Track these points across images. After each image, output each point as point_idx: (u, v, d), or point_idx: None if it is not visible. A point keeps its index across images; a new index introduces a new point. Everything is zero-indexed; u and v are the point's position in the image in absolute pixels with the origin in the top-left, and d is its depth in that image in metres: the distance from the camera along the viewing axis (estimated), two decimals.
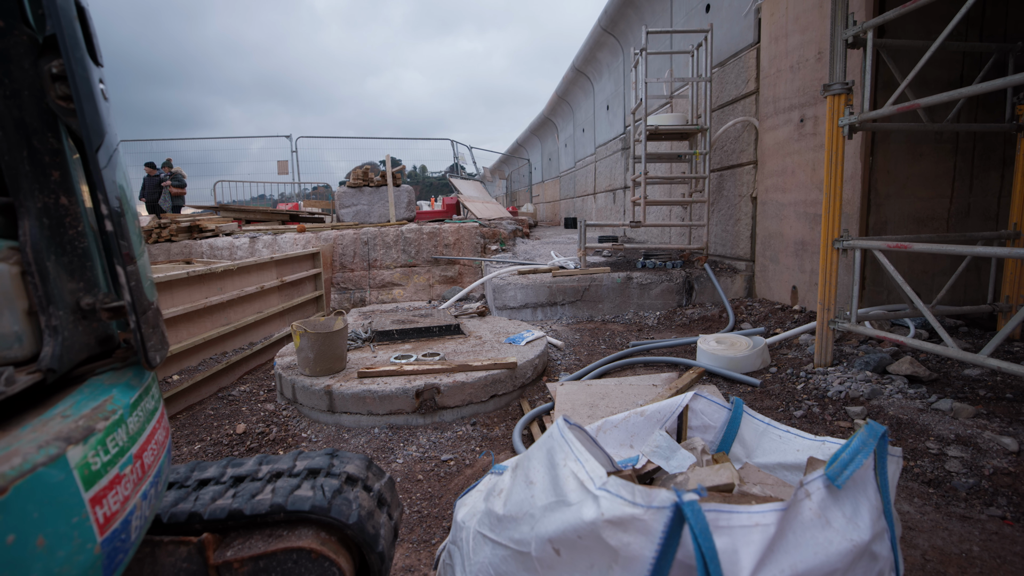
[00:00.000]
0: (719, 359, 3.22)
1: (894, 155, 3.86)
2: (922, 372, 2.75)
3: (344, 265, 7.11)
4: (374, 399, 2.62)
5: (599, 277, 4.97)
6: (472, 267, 7.27)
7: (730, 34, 5.57)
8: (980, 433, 2.18)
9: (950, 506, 1.88)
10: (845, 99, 3.05)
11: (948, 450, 2.13)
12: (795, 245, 4.45)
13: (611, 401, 2.64)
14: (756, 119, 5.09)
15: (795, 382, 2.96)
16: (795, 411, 2.63)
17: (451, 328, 3.72)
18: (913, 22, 3.65)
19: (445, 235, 7.28)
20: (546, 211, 18.42)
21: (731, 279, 5.10)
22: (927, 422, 2.34)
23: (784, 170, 4.62)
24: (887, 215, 3.90)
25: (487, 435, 2.63)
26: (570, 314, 4.96)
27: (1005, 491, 1.89)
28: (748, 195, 5.19)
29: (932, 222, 3.99)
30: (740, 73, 5.40)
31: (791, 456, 1.59)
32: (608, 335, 4.35)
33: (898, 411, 2.46)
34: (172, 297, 3.62)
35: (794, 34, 4.50)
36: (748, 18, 5.24)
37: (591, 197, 12.27)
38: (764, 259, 4.91)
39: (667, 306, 4.97)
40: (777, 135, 4.74)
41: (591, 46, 10.95)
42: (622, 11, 9.11)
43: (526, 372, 3.08)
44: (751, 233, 5.13)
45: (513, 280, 5.06)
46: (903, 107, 2.74)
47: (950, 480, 1.99)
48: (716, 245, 5.85)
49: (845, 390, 2.72)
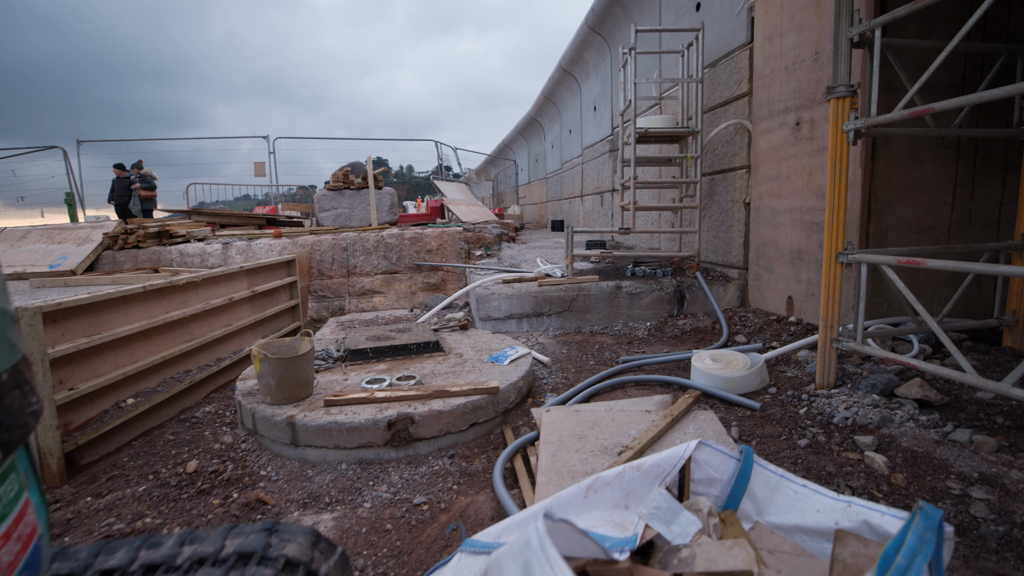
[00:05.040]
0: (715, 379, 3.02)
1: (895, 161, 3.70)
2: (933, 396, 2.57)
3: (322, 272, 6.81)
4: (341, 431, 2.36)
5: (587, 286, 4.76)
6: (456, 273, 7.02)
7: (721, 33, 5.39)
8: (1007, 472, 1.99)
9: (980, 559, 1.68)
10: (850, 102, 2.86)
11: (972, 491, 1.94)
12: (791, 254, 4.27)
13: (601, 431, 2.42)
14: (749, 122, 4.91)
15: (797, 405, 2.77)
16: (799, 440, 2.43)
17: (429, 345, 3.47)
18: (915, 21, 3.49)
19: (428, 240, 7.02)
20: (533, 213, 18.21)
21: (723, 288, 4.91)
22: (945, 456, 2.15)
23: (779, 175, 4.45)
24: (888, 223, 3.73)
25: (466, 469, 2.40)
26: (557, 325, 4.74)
27: None
28: (741, 200, 5.01)
29: (933, 230, 3.83)
30: (732, 74, 5.22)
31: (810, 518, 1.37)
32: (597, 348, 4.13)
33: (912, 442, 2.27)
34: (127, 313, 3.32)
35: (789, 33, 4.33)
36: (740, 17, 5.06)
37: (578, 199, 12.07)
38: (758, 268, 4.73)
39: (658, 316, 4.77)
40: (771, 139, 4.56)
41: (578, 45, 10.75)
42: (609, 9, 8.92)
43: (509, 396, 2.84)
44: (744, 240, 4.95)
45: (497, 290, 4.83)
46: (914, 112, 2.55)
47: (977, 527, 1.79)
48: (708, 252, 5.67)
49: (852, 416, 2.52)
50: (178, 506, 2.03)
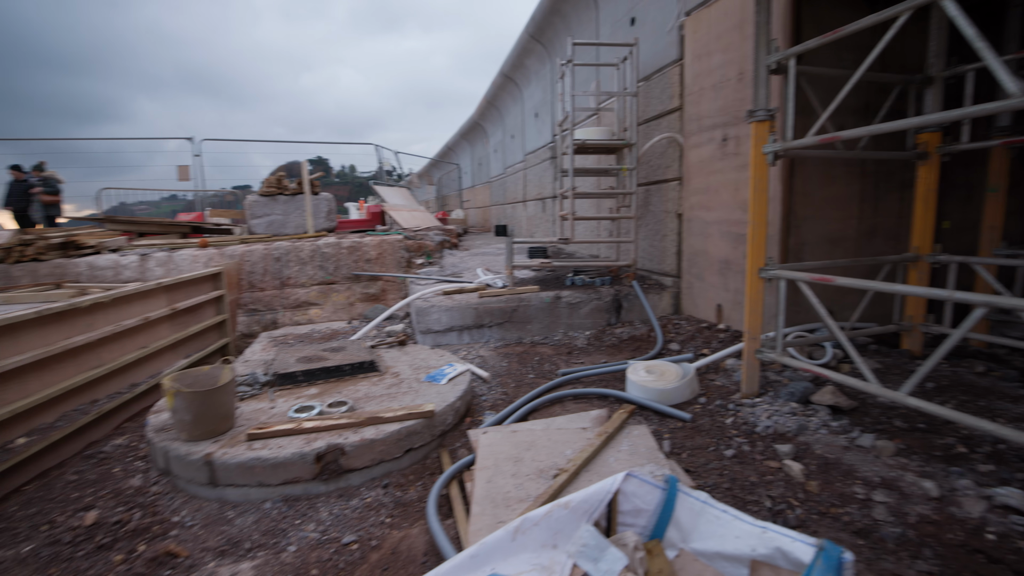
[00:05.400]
0: (649, 391, 3.10)
1: (810, 178, 3.95)
2: (843, 402, 2.76)
3: (253, 284, 6.46)
4: (265, 468, 2.23)
5: (527, 297, 4.78)
6: (397, 282, 6.86)
7: (655, 49, 5.57)
8: (902, 475, 2.16)
9: (881, 560, 1.81)
10: (769, 126, 3.02)
11: (874, 495, 2.09)
12: (719, 263, 4.47)
13: (538, 452, 2.42)
14: (681, 136, 5.10)
15: (724, 415, 2.89)
16: (726, 450, 2.54)
17: (364, 366, 3.35)
18: (827, 50, 3.73)
19: (366, 249, 6.82)
20: (477, 217, 18.16)
21: (659, 296, 5.08)
22: (852, 462, 2.30)
23: (708, 188, 4.65)
24: (805, 236, 3.98)
25: (401, 499, 2.33)
26: (498, 336, 4.73)
27: (930, 542, 1.85)
28: (674, 211, 5.20)
29: (844, 242, 4.13)
30: (665, 88, 5.40)
31: (730, 544, 1.42)
32: (537, 360, 4.15)
33: (824, 449, 2.43)
34: (17, 343, 2.98)
35: (716, 53, 4.53)
36: (672, 34, 5.25)
37: (521, 205, 12.15)
38: (690, 276, 4.92)
39: (596, 325, 4.86)
40: (701, 153, 4.77)
41: (519, 52, 10.82)
42: (549, 19, 9.03)
43: (446, 418, 2.79)
44: (677, 250, 5.14)
45: (437, 302, 4.75)
46: (824, 139, 2.73)
47: (878, 530, 1.93)
48: (644, 260, 5.85)
49: (773, 425, 2.66)
50: (72, 567, 1.83)
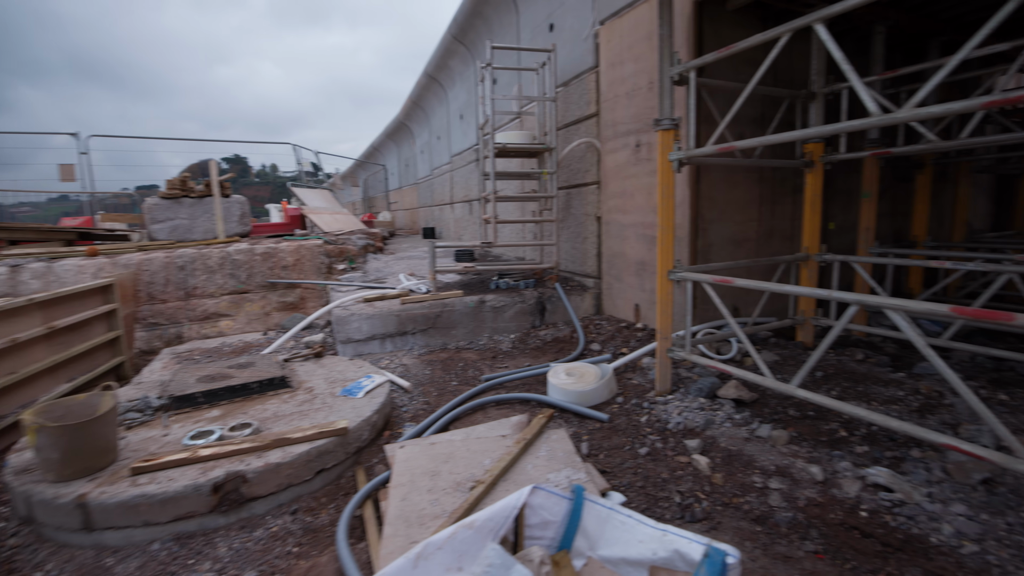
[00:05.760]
0: (569, 393, 3.15)
1: (715, 183, 4.19)
2: (745, 395, 2.95)
3: (153, 296, 5.91)
4: (152, 505, 2.02)
5: (451, 302, 4.72)
6: (318, 289, 6.55)
7: (572, 55, 5.70)
8: (794, 462, 2.34)
9: (775, 544, 1.94)
10: (673, 134, 3.16)
11: (770, 482, 2.24)
12: (636, 265, 4.65)
13: (456, 464, 2.38)
14: (598, 141, 5.25)
15: (640, 413, 3.00)
16: (641, 448, 2.62)
17: (275, 382, 3.15)
18: (726, 64, 3.97)
19: (283, 255, 6.45)
20: (405, 219, 17.79)
21: (581, 297, 5.20)
22: (752, 452, 2.46)
23: (624, 192, 4.82)
24: (712, 238, 4.22)
25: (311, 525, 2.19)
26: (422, 343, 4.63)
27: (816, 523, 2.01)
28: (594, 214, 5.34)
29: (746, 243, 4.42)
30: (583, 94, 5.54)
31: (634, 549, 1.45)
32: (461, 366, 4.11)
33: (728, 442, 2.57)
34: None
35: (628, 62, 4.69)
36: (588, 42, 5.39)
37: (448, 207, 12.04)
38: (610, 277, 5.08)
39: (521, 328, 4.89)
40: (617, 158, 4.93)
41: (442, 53, 10.70)
42: (471, 21, 9.00)
43: (362, 434, 2.68)
44: (597, 252, 5.29)
45: (358, 309, 4.57)
46: (722, 148, 2.89)
47: (773, 515, 2.07)
48: (567, 262, 5.97)
49: (684, 421, 2.79)
50: None
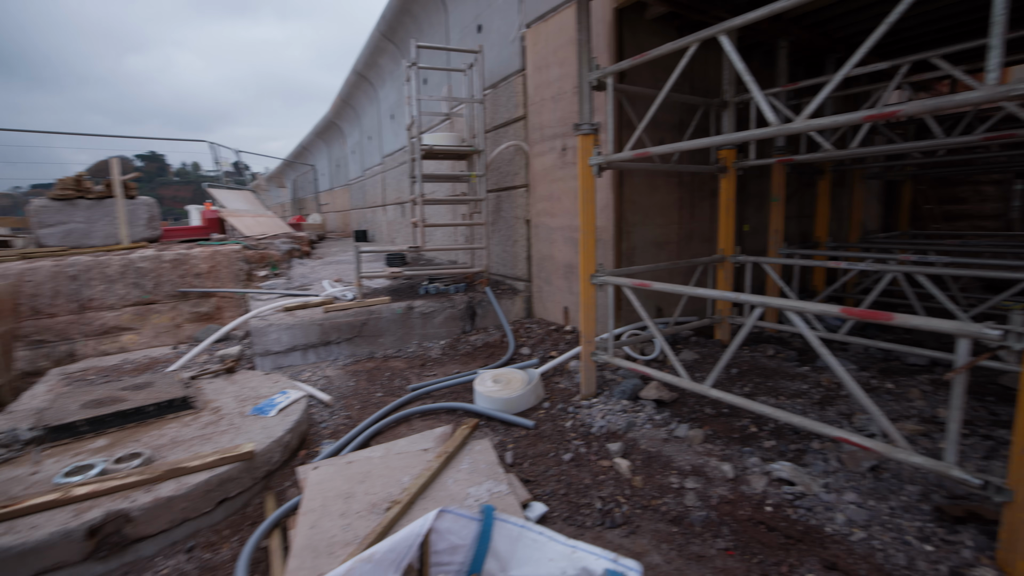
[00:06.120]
0: (495, 401, 3.11)
1: (638, 188, 4.30)
2: (666, 396, 3.03)
3: (39, 309, 5.29)
4: (8, 560, 1.76)
5: (378, 309, 4.55)
6: (236, 298, 6.13)
7: (500, 57, 5.67)
8: (708, 461, 2.41)
9: (690, 544, 1.98)
10: (593, 139, 3.19)
11: (686, 482, 2.30)
12: (564, 268, 4.69)
13: (372, 483, 2.26)
14: (527, 144, 5.26)
15: (565, 418, 3.00)
16: (565, 455, 2.62)
17: (175, 404, 2.88)
18: (645, 70, 4.09)
19: (195, 262, 5.98)
20: (337, 221, 17.14)
21: (512, 301, 5.18)
22: (670, 453, 2.52)
23: (552, 195, 4.85)
24: (636, 241, 4.33)
25: (209, 563, 2.01)
26: (348, 352, 4.43)
27: (727, 520, 2.07)
28: (523, 217, 5.34)
29: (668, 246, 4.58)
30: (511, 97, 5.53)
31: (544, 568, 1.41)
32: (388, 375, 3.96)
33: (648, 443, 2.63)
34: None
35: (554, 66, 4.72)
36: (515, 44, 5.38)
37: (381, 209, 11.71)
38: (540, 280, 5.10)
39: (451, 334, 4.80)
40: (544, 161, 4.95)
41: (372, 51, 10.39)
42: (400, 18, 8.79)
43: (272, 456, 2.50)
44: (527, 255, 5.30)
45: (277, 320, 4.31)
46: (639, 154, 2.95)
47: (689, 515, 2.12)
48: (499, 266, 5.94)
49: (607, 424, 2.82)
50: None
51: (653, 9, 4.12)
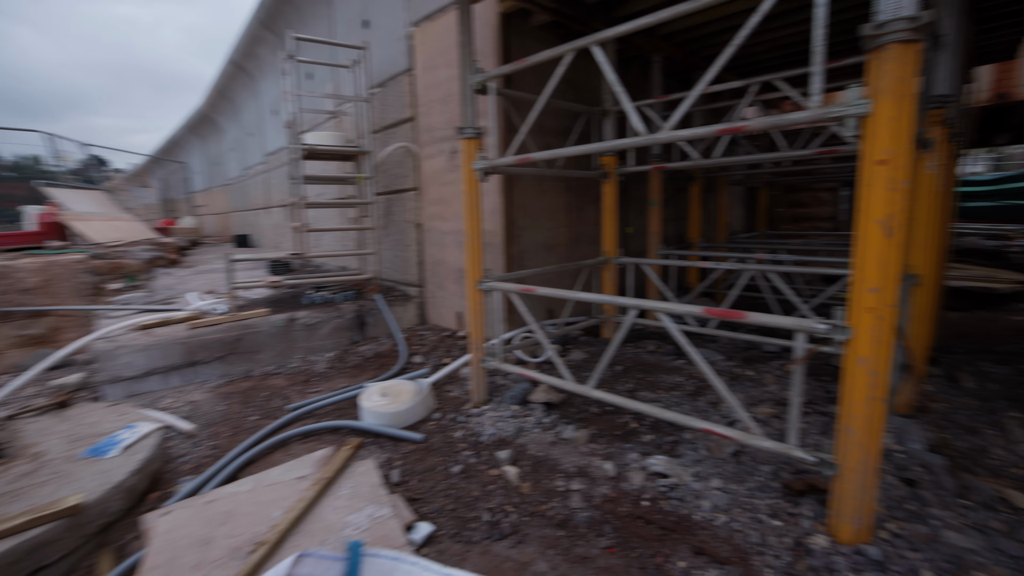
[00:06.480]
0: (383, 416, 2.95)
1: (526, 192, 4.36)
2: (554, 398, 3.08)
3: None
4: None
5: (254, 323, 4.16)
6: (81, 316, 5.27)
7: (388, 55, 5.46)
8: (592, 461, 2.48)
9: (575, 547, 2.01)
10: (477, 143, 3.16)
11: (572, 484, 2.33)
12: (456, 273, 4.62)
13: (237, 523, 2.02)
14: (417, 146, 5.11)
15: (455, 429, 2.93)
16: (454, 467, 2.55)
17: None
18: (532, 77, 4.15)
19: (22, 275, 5.06)
20: (216, 224, 15.59)
21: (404, 307, 5.02)
22: (557, 456, 2.55)
23: (442, 199, 4.76)
24: (525, 244, 4.38)
25: None
26: (220, 372, 3.99)
27: (610, 518, 2.13)
28: (414, 221, 5.20)
29: (557, 248, 4.70)
30: (400, 97, 5.35)
31: None
32: (266, 395, 3.63)
33: (536, 448, 2.64)
34: None
35: (441, 67, 4.64)
36: (403, 43, 5.21)
37: (264, 212, 10.83)
38: (433, 286, 4.99)
39: (339, 345, 4.53)
40: (434, 164, 4.85)
41: (250, 40, 9.54)
42: (280, 7, 8.16)
43: (109, 506, 2.15)
44: (420, 260, 5.16)
45: (129, 340, 3.76)
46: (522, 159, 2.96)
47: (574, 517, 2.15)
48: (390, 271, 5.73)
49: (497, 432, 2.80)
50: None
51: (537, 17, 4.20)
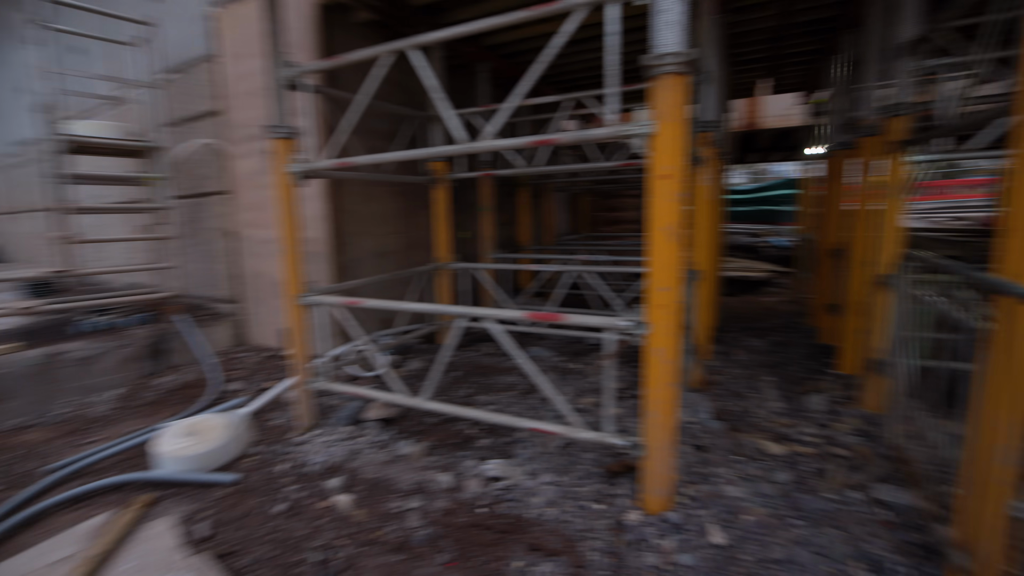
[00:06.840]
0: (187, 460, 2.52)
1: (354, 197, 4.12)
2: (390, 413, 2.96)
3: None
4: None
5: None
6: None
7: (188, 37, 4.70)
8: (428, 475, 2.43)
9: (414, 570, 1.93)
10: (291, 144, 2.88)
11: (409, 503, 2.25)
12: (277, 286, 4.19)
13: None
14: (227, 143, 4.51)
15: (278, 461, 2.63)
16: (276, 507, 2.28)
17: None
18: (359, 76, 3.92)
19: None
20: None
21: (216, 327, 4.39)
22: (393, 475, 2.44)
23: (259, 204, 4.27)
24: (356, 252, 4.15)
25: None
26: None
27: (449, 530, 2.10)
28: (226, 229, 4.58)
29: (392, 255, 4.54)
30: (204, 86, 4.65)
31: None
32: (19, 456, 2.85)
33: (371, 470, 2.50)
34: None
35: (254, 57, 4.14)
36: (201, 24, 4.54)
37: (11, 217, 8.59)
38: (251, 301, 4.45)
39: (129, 380, 3.77)
40: (248, 164, 4.33)
41: None
42: None
43: None
44: (234, 272, 4.56)
45: None
46: (341, 163, 2.78)
47: (412, 538, 2.07)
48: (200, 287, 4.97)
49: (327, 458, 2.58)
50: None
51: (360, 14, 3.99)
